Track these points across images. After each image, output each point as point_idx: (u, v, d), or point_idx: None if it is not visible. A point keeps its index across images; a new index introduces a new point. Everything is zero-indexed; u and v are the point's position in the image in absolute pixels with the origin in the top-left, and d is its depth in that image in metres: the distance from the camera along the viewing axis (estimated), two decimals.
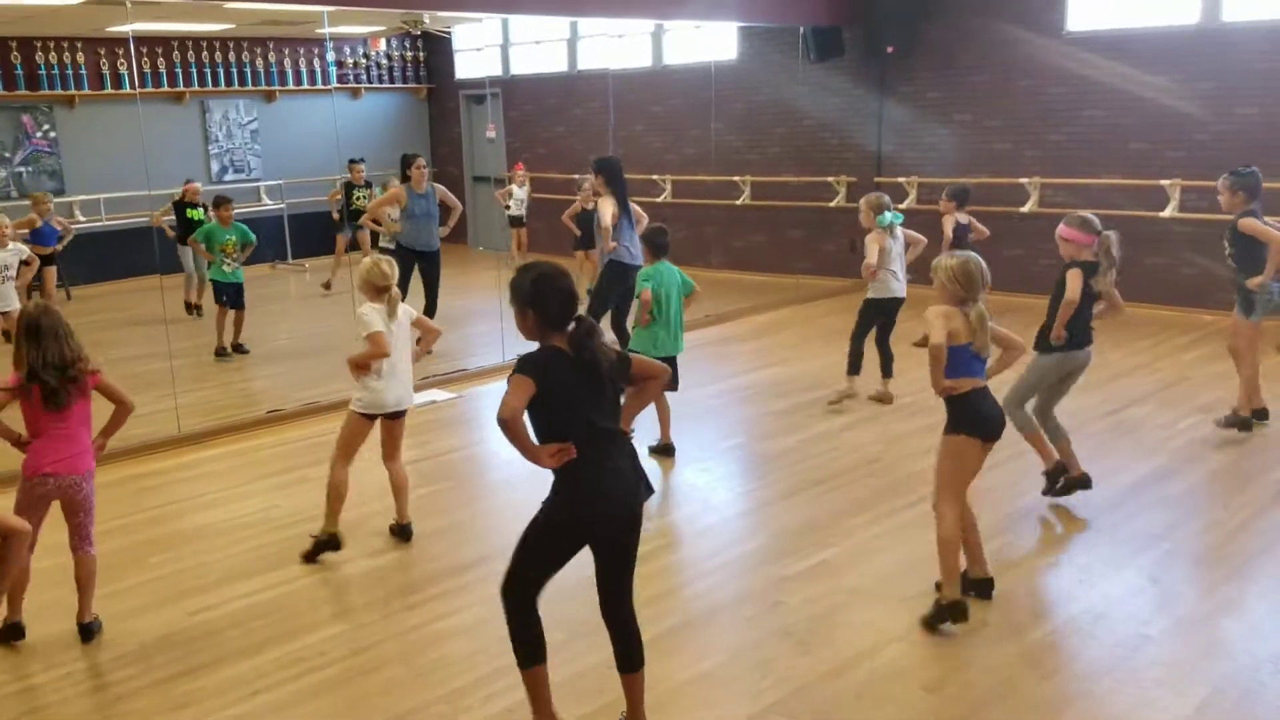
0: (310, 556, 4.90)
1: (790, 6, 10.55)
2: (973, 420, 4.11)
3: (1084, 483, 5.29)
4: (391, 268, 4.89)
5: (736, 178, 12.35)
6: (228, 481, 6.18)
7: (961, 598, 4.12)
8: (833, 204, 11.70)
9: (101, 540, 4.41)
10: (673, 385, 6.05)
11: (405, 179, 8.94)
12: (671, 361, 6.02)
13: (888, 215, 6.80)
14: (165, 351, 7.30)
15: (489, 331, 9.16)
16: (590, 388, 3.19)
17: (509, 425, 3.11)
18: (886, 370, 7.16)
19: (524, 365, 3.15)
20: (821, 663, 3.91)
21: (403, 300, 5.05)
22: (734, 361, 8.65)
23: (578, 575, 4.63)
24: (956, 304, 4.11)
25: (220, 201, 9.31)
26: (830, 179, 11.70)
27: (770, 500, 5.59)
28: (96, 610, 4.28)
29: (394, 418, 5.02)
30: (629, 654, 3.45)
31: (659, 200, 12.35)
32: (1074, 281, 5.13)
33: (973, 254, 4.29)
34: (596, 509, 3.26)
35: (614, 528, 3.31)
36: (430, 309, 8.81)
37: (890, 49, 10.74)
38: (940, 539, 4.14)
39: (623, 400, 3.47)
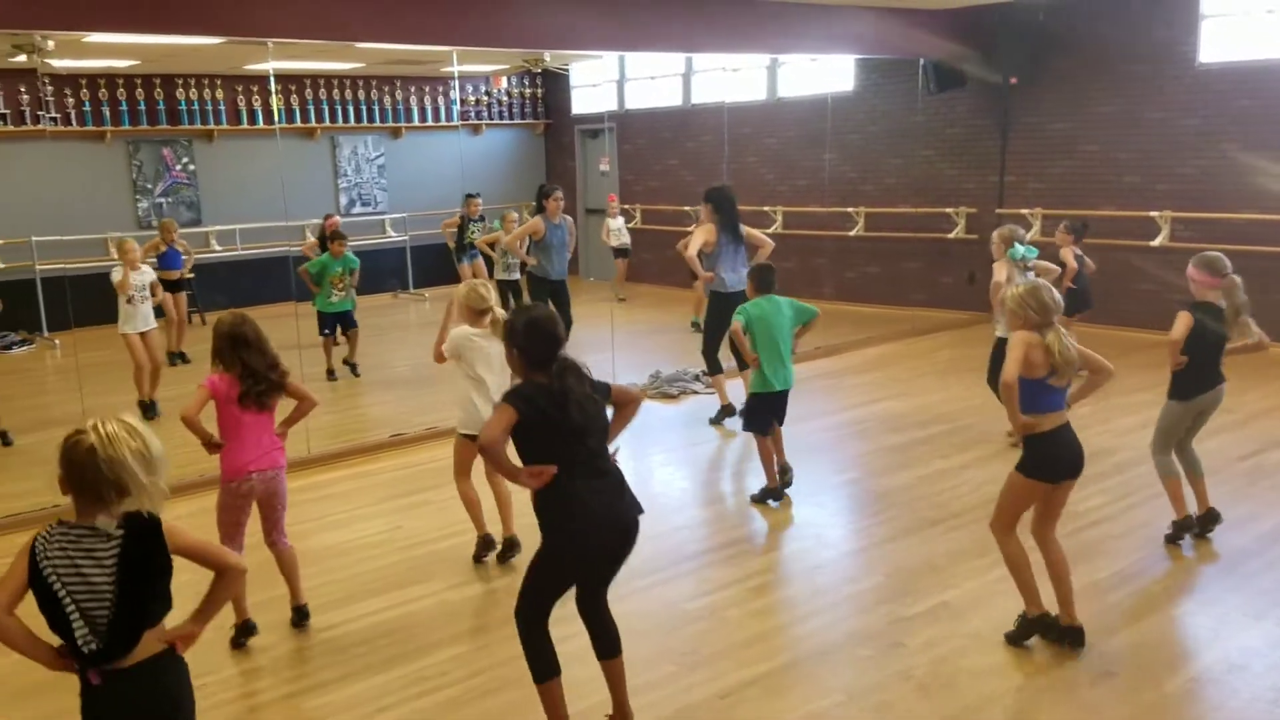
0: (478, 558, 5.24)
1: (912, 39, 10.48)
2: (1047, 464, 4.10)
3: (1213, 516, 5.22)
4: (488, 290, 5.09)
5: (850, 209, 12.27)
6: (354, 503, 6.39)
7: (1046, 612, 4.16)
8: (951, 235, 11.51)
9: None
10: (781, 418, 6.09)
11: (540, 210, 9.11)
12: (783, 396, 6.02)
13: (1019, 249, 6.59)
14: (298, 375, 7.55)
15: (600, 361, 9.25)
16: (570, 417, 3.36)
17: (487, 450, 3.40)
18: None
19: (509, 396, 3.43)
20: (944, 707, 3.83)
21: None
22: (847, 394, 8.56)
23: (696, 606, 4.67)
24: (1033, 330, 4.03)
25: (335, 236, 9.76)
26: (949, 210, 11.53)
27: (886, 538, 5.50)
28: (241, 615, 4.47)
29: None
30: (608, 641, 3.65)
31: (770, 231, 12.31)
32: (1179, 323, 5.01)
33: (1040, 280, 4.26)
34: (585, 533, 3.43)
35: (606, 547, 3.52)
36: (563, 316, 9.03)
37: (1013, 80, 10.57)
38: (1006, 562, 4.22)
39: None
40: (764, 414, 6.03)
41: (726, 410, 7.75)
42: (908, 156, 11.93)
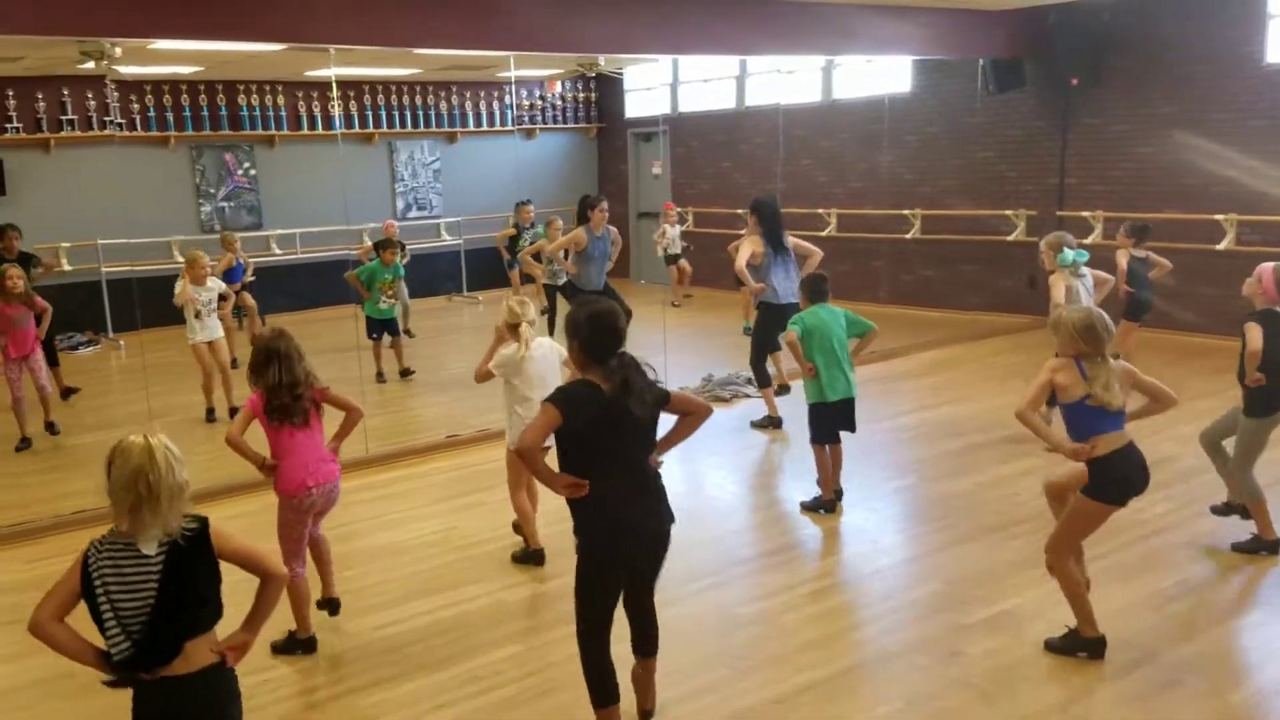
0: (521, 561, 5.28)
1: (970, 39, 10.36)
2: (1116, 486, 3.99)
3: (1272, 547, 5.05)
4: (522, 306, 5.10)
5: (906, 211, 12.14)
6: (410, 503, 6.46)
7: (1102, 636, 4.10)
8: (1010, 238, 11.34)
9: None
10: (850, 427, 6.01)
11: (584, 220, 9.08)
12: (849, 404, 5.96)
13: (1069, 254, 6.48)
14: (356, 377, 7.69)
15: (651, 363, 9.27)
16: (619, 421, 3.33)
17: (525, 456, 3.38)
18: None
19: (553, 397, 3.35)
20: (1004, 716, 3.76)
21: None
22: (903, 399, 8.46)
23: (749, 610, 4.65)
24: (1084, 359, 3.94)
25: (387, 245, 9.91)
26: (1008, 212, 11.36)
27: (944, 545, 5.42)
28: (305, 631, 4.51)
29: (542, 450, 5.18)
30: (646, 639, 3.68)
31: (823, 234, 12.26)
32: (1253, 334, 4.91)
33: (1096, 309, 4.14)
34: (619, 540, 3.43)
35: (639, 554, 3.52)
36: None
37: (1074, 80, 10.40)
38: (1065, 588, 4.14)
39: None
40: (825, 424, 5.97)
41: (774, 421, 7.69)
42: (966, 158, 11.78)
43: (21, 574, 5.50)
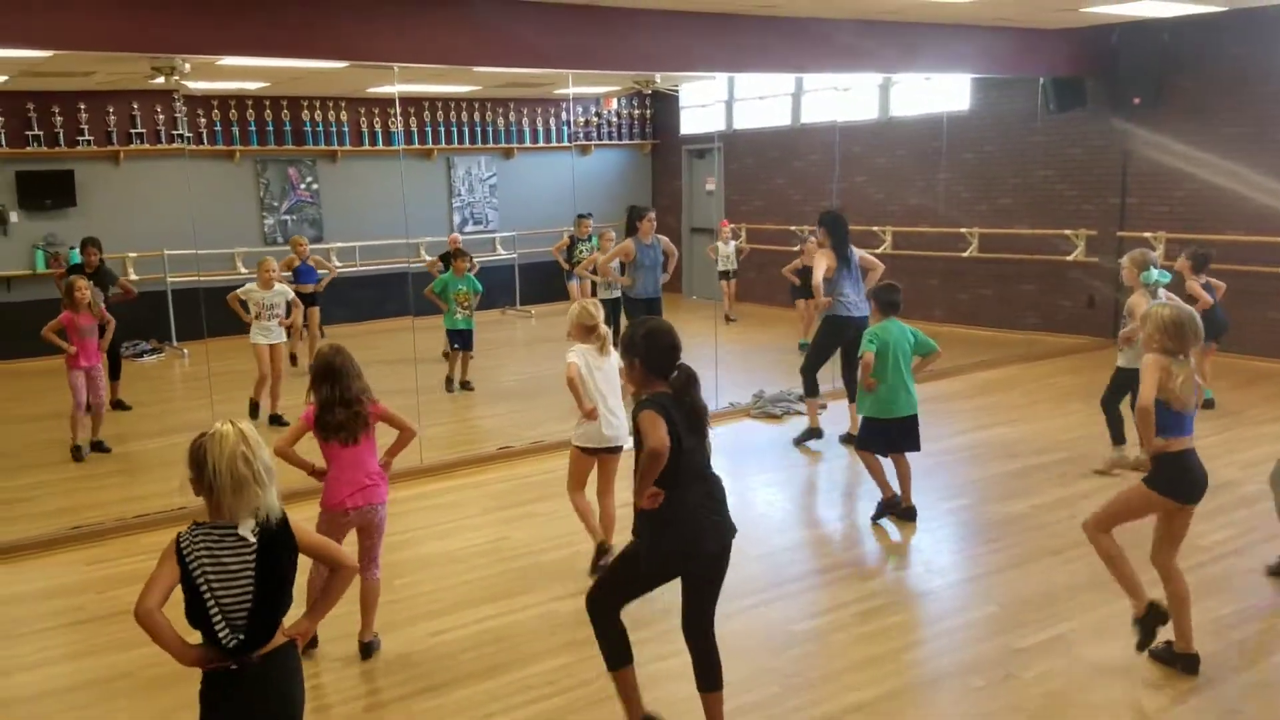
0: (596, 569, 5.20)
1: (1030, 58, 10.26)
2: (1177, 484, 4.01)
3: None
4: (598, 309, 5.17)
5: (964, 229, 12.04)
6: (463, 512, 6.52)
7: (1154, 601, 4.11)
8: (1070, 257, 11.19)
9: None
10: (914, 445, 5.98)
11: (632, 231, 9.19)
12: (910, 421, 5.92)
13: (1154, 273, 6.30)
14: (413, 388, 7.78)
15: (704, 380, 9.25)
16: (693, 428, 3.42)
17: (660, 454, 3.32)
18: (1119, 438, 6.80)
19: (651, 404, 3.39)
20: None
21: None
22: (958, 419, 8.37)
23: (800, 628, 4.62)
24: (1166, 356, 3.96)
25: (457, 254, 10.01)
26: (1068, 232, 11.21)
27: (1000, 567, 5.35)
28: (347, 630, 4.58)
29: (608, 454, 5.24)
30: (709, 674, 3.60)
31: (878, 251, 12.16)
32: None
33: (1187, 306, 4.20)
34: (694, 547, 3.47)
35: (707, 564, 3.52)
36: None
37: (1137, 100, 10.26)
38: (1104, 557, 4.17)
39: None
40: (879, 437, 5.95)
41: (814, 433, 7.68)
42: (1025, 177, 11.65)
43: (83, 576, 5.63)
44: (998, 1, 8.23)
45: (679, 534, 3.46)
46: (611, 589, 3.65)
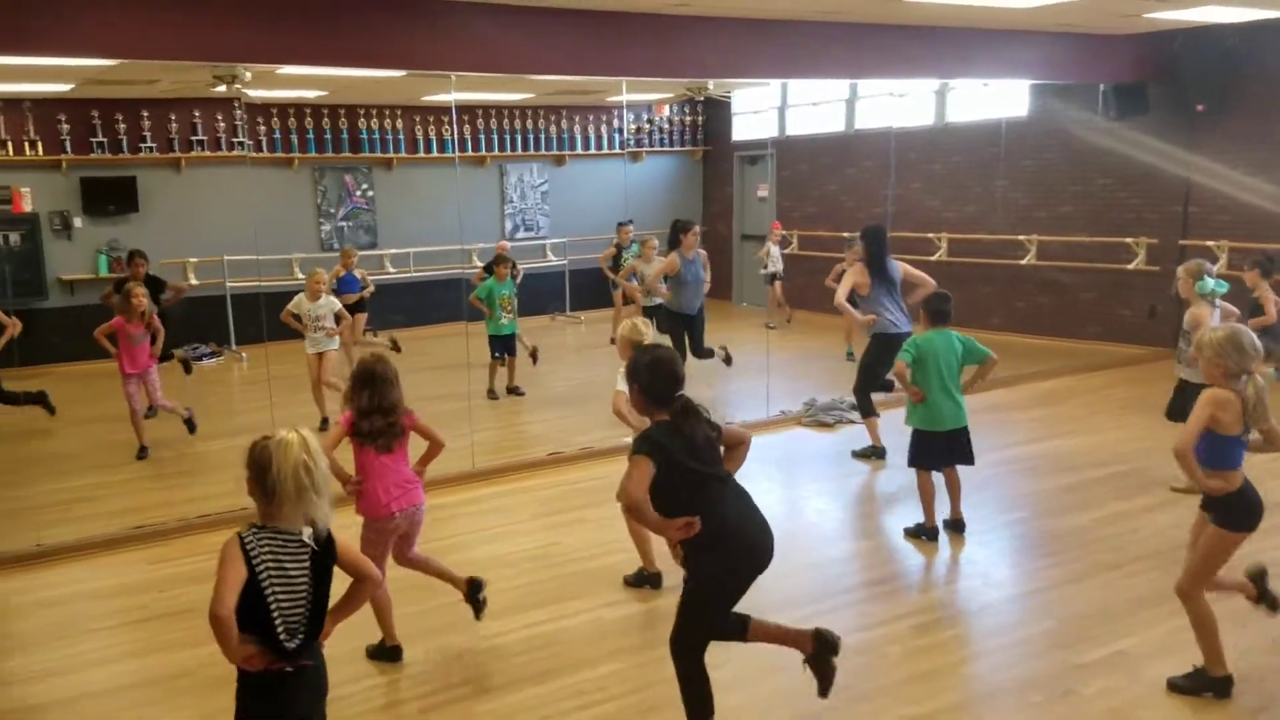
0: (633, 584, 5.26)
1: (1091, 64, 10.10)
2: (1248, 513, 3.93)
3: None
4: (647, 327, 5.15)
5: (1021, 236, 11.87)
6: (513, 517, 6.55)
7: (1230, 675, 3.98)
8: (1131, 266, 10.98)
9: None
10: (967, 459, 5.88)
11: (676, 245, 9.13)
12: (959, 435, 5.84)
13: (1209, 282, 6.15)
14: (464, 393, 7.84)
15: (755, 387, 9.26)
16: (696, 451, 3.46)
17: (632, 510, 3.44)
18: None
19: (641, 446, 3.43)
20: None
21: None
22: (1014, 430, 8.23)
23: (852, 640, 4.57)
24: (1229, 380, 3.84)
25: (500, 260, 10.10)
26: (1129, 240, 11.00)
27: (1058, 582, 5.25)
28: (402, 631, 4.61)
29: None
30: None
31: (933, 259, 12.06)
32: None
33: (1239, 324, 4.11)
34: (739, 555, 3.51)
35: (756, 567, 3.57)
36: (696, 349, 9.06)
37: (1200, 107, 10.05)
38: (1195, 622, 4.02)
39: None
40: (929, 451, 5.86)
41: (877, 452, 7.55)
42: (1085, 184, 11.46)
43: (145, 575, 5.74)
44: (1060, 8, 8.10)
45: (730, 549, 3.49)
46: (691, 629, 3.61)
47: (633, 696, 4.15)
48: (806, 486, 7.00)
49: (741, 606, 3.67)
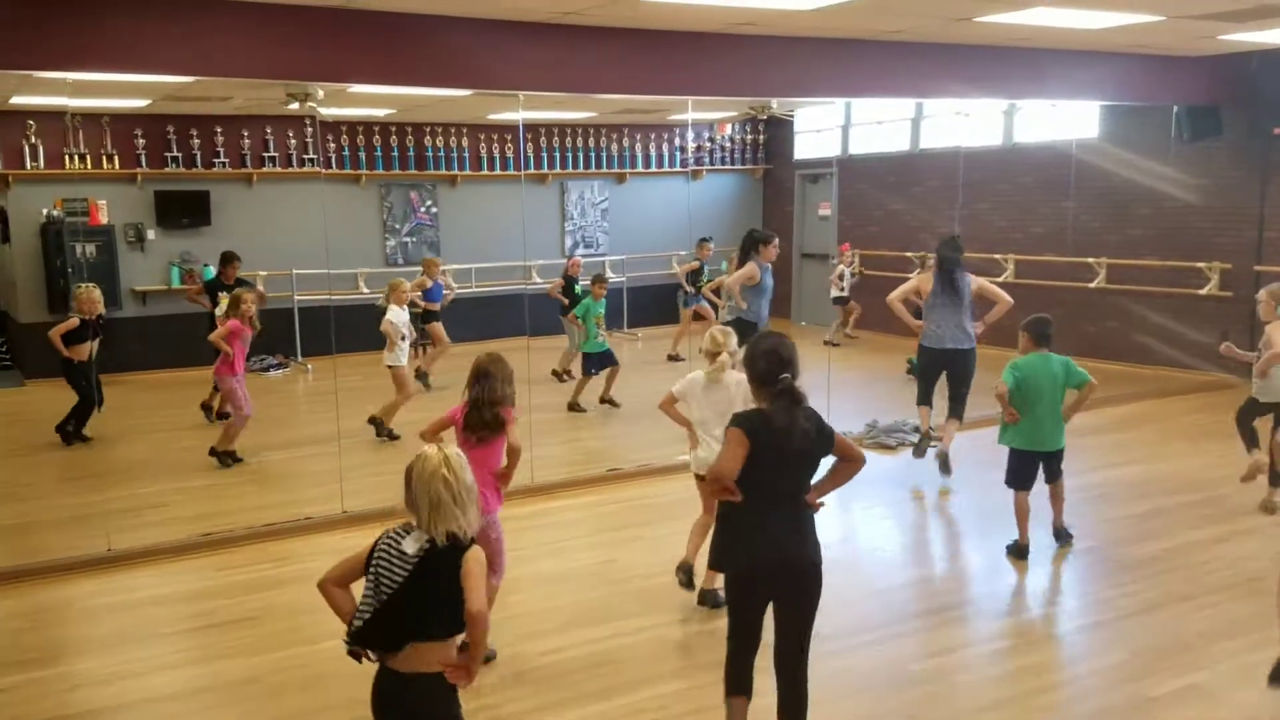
0: (707, 603, 5.20)
1: (1164, 85, 9.91)
2: None
3: None
4: (724, 335, 5.19)
5: (1091, 259, 11.65)
6: (573, 532, 6.56)
7: None
8: (1203, 291, 10.72)
9: None
10: (1053, 476, 5.92)
11: (747, 256, 9.13)
12: (1056, 456, 5.85)
13: None
14: (526, 406, 7.83)
15: (814, 406, 9.11)
16: (780, 449, 3.45)
17: (720, 478, 3.45)
18: (1276, 479, 6.44)
19: (739, 422, 3.52)
20: None
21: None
22: (1085, 456, 8.03)
23: (920, 668, 4.49)
24: None
25: (598, 279, 10.25)
26: (1201, 265, 10.75)
27: (1130, 612, 5.12)
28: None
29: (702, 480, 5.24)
30: (793, 707, 3.59)
31: (999, 280, 11.85)
32: None
33: None
34: (754, 554, 3.50)
35: (788, 584, 3.52)
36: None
37: (1277, 130, 9.80)
38: None
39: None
40: (1024, 471, 5.87)
41: (928, 439, 7.61)
42: (1156, 207, 11.22)
43: (213, 581, 5.82)
44: (1133, 29, 7.97)
45: (736, 548, 3.56)
46: (732, 633, 3.67)
47: (694, 716, 4.12)
48: (870, 511, 6.91)
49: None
